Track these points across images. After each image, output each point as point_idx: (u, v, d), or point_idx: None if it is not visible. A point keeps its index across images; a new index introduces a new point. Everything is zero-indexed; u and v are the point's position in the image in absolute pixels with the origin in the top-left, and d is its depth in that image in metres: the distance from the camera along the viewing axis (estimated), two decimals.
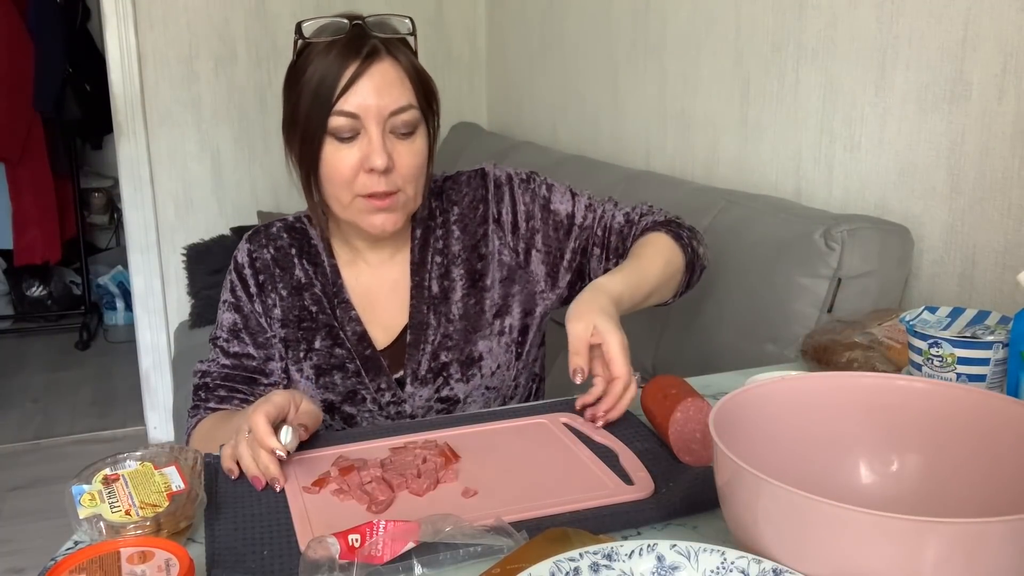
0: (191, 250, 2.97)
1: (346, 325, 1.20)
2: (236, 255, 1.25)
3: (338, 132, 1.08)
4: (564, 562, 0.63)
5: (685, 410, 0.92)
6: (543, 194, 1.24)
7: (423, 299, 1.21)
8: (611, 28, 2.31)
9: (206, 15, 2.96)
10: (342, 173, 1.10)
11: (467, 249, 1.22)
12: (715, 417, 0.69)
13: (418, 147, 1.12)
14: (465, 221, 1.23)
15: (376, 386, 1.19)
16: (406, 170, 1.11)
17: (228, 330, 1.22)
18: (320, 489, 0.89)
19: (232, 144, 3.07)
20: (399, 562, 0.73)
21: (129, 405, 3.34)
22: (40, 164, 3.92)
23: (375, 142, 1.08)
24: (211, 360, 1.22)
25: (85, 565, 0.70)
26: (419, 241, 1.23)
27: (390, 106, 1.08)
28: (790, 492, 0.59)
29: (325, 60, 1.08)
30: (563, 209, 1.23)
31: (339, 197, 1.12)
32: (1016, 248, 1.27)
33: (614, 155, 2.33)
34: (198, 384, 1.21)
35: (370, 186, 1.10)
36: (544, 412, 1.06)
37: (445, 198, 1.25)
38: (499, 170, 1.26)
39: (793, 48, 1.66)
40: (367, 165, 1.09)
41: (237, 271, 1.24)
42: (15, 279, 4.28)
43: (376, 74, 1.08)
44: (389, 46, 1.10)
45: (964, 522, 0.55)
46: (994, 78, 1.28)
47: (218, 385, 1.20)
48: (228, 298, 1.24)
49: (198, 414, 1.20)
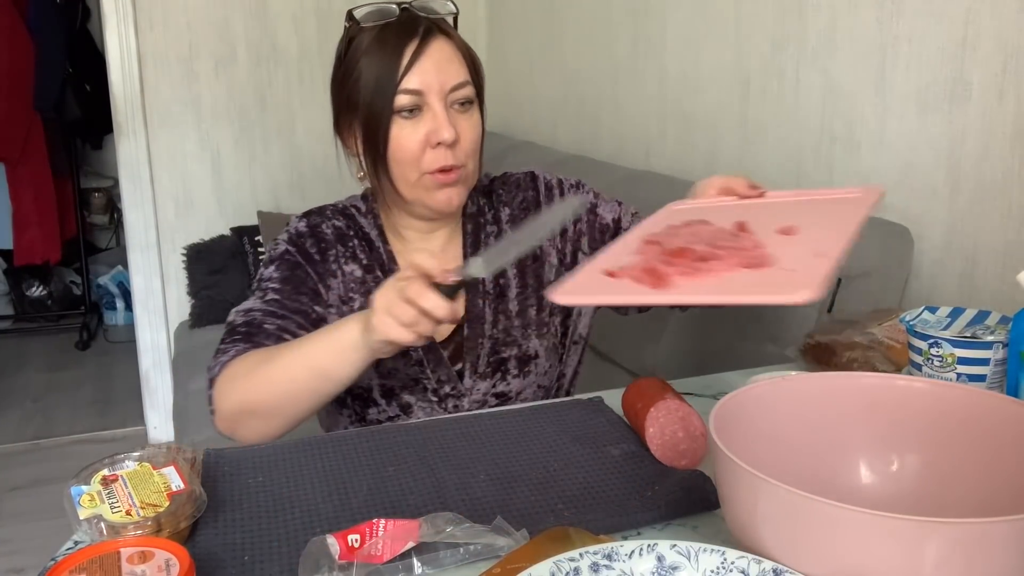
0: (191, 250, 2.98)
1: None
2: (291, 228, 1.21)
3: (403, 109, 1.11)
4: (564, 562, 0.63)
5: (658, 413, 0.92)
6: (591, 199, 1.27)
7: (478, 293, 1.21)
8: (611, 28, 2.31)
9: (206, 15, 2.96)
10: (410, 150, 1.12)
11: None
12: (715, 417, 0.69)
13: (476, 120, 1.16)
14: (517, 222, 1.25)
15: (437, 377, 1.19)
16: (468, 144, 1.14)
17: (279, 279, 1.16)
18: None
19: (232, 144, 3.07)
20: (399, 562, 0.73)
21: (129, 405, 3.34)
22: (40, 164, 3.92)
23: (440, 116, 1.11)
24: (251, 306, 1.14)
25: (85, 565, 0.70)
26: (471, 236, 1.24)
27: (450, 81, 1.12)
28: (790, 492, 0.59)
29: (382, 43, 1.11)
30: (609, 216, 1.26)
31: (407, 176, 1.14)
32: (1016, 248, 1.27)
33: (614, 155, 2.33)
34: (237, 323, 1.13)
35: (438, 161, 1.12)
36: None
37: (495, 197, 1.27)
38: (548, 174, 1.29)
39: (793, 48, 1.66)
40: (434, 139, 1.11)
41: (293, 240, 1.19)
42: (15, 279, 4.28)
43: (435, 51, 1.11)
44: (441, 25, 1.14)
45: (966, 522, 0.55)
46: (994, 78, 1.28)
47: (259, 324, 1.11)
48: (282, 256, 1.18)
49: (234, 349, 1.09)
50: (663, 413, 0.92)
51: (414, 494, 0.88)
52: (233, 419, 1.06)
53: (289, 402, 1.04)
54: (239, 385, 1.05)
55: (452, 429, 1.02)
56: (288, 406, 1.04)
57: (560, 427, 1.02)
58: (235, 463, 0.95)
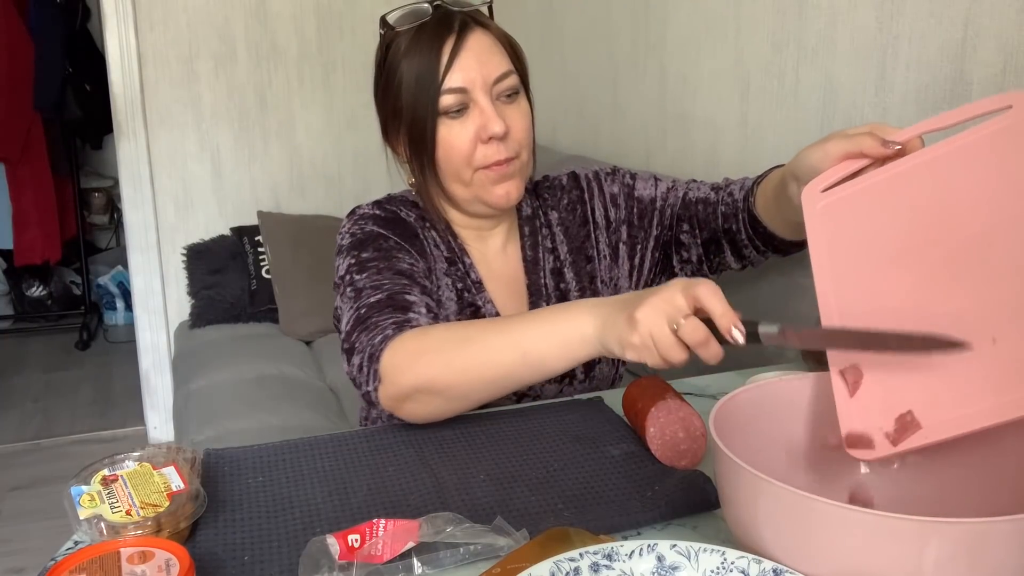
0: (191, 250, 2.98)
1: (483, 305, 1.18)
2: (366, 210, 1.16)
3: (449, 109, 1.09)
4: (564, 562, 0.63)
5: (658, 413, 0.92)
6: (627, 182, 1.25)
7: (541, 296, 1.21)
8: (611, 28, 2.31)
9: (206, 15, 2.96)
10: (460, 149, 1.10)
11: (573, 252, 1.24)
12: (715, 417, 0.69)
13: (525, 109, 1.14)
14: (566, 224, 1.25)
15: None
16: (519, 133, 1.12)
17: (375, 252, 1.08)
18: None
19: (232, 144, 3.07)
20: (399, 562, 0.73)
21: (129, 405, 3.34)
22: (40, 164, 3.91)
23: (488, 111, 1.09)
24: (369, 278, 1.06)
25: (85, 565, 0.70)
26: (529, 239, 1.23)
27: (493, 73, 1.10)
28: (791, 492, 0.59)
29: (419, 44, 1.09)
30: (647, 194, 1.24)
31: (460, 175, 1.12)
32: None
33: (614, 155, 2.33)
34: (374, 299, 1.02)
35: (491, 156, 1.10)
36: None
37: (543, 200, 1.27)
38: (586, 170, 1.28)
39: (793, 48, 1.66)
40: (485, 134, 1.09)
41: (371, 219, 1.13)
42: (15, 279, 4.28)
43: (474, 45, 1.10)
44: (476, 17, 1.13)
45: (967, 522, 0.55)
46: (994, 78, 1.28)
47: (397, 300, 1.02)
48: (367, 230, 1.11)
49: (392, 320, 1.00)
50: (663, 413, 0.92)
51: (414, 494, 0.88)
52: (408, 396, 0.97)
53: (484, 387, 0.96)
54: (428, 360, 0.95)
55: (452, 429, 1.02)
56: (482, 390, 0.96)
57: (560, 427, 1.02)
58: (235, 463, 0.95)
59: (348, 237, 1.13)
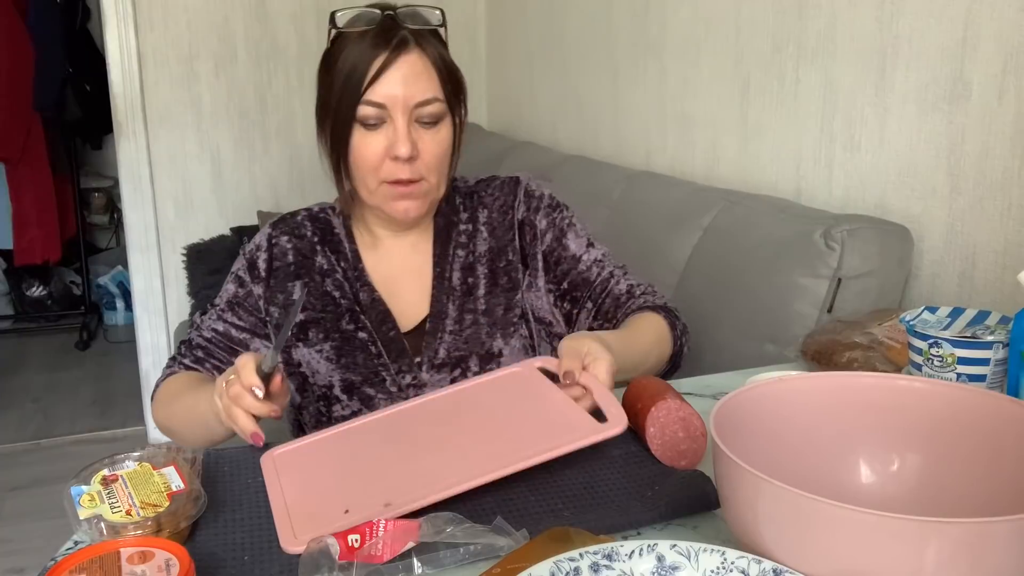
0: (191, 250, 2.97)
1: (368, 307, 1.22)
2: (256, 236, 1.28)
3: (365, 120, 1.13)
4: (564, 562, 0.63)
5: (658, 413, 0.92)
6: (562, 226, 1.26)
7: (443, 289, 1.23)
8: (611, 28, 2.31)
9: (206, 15, 2.96)
10: (368, 159, 1.14)
11: (493, 251, 1.25)
12: (715, 417, 0.69)
13: (442, 137, 1.16)
14: (494, 224, 1.26)
15: (397, 368, 1.20)
16: (430, 159, 1.14)
17: (226, 301, 1.25)
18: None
19: (232, 144, 3.07)
20: (399, 562, 0.73)
21: (129, 405, 3.34)
22: (40, 164, 3.92)
23: (400, 131, 1.12)
24: (204, 320, 1.26)
25: (85, 565, 0.70)
26: (442, 234, 1.25)
27: (416, 97, 1.12)
28: (791, 492, 0.59)
29: (356, 49, 1.12)
30: (574, 248, 1.25)
31: (366, 182, 1.16)
32: (1016, 248, 1.27)
33: (614, 155, 2.33)
34: (185, 339, 1.25)
35: (395, 173, 1.14)
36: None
37: (476, 198, 1.28)
38: (534, 184, 1.29)
39: (793, 48, 1.66)
40: (392, 153, 1.12)
41: (251, 253, 1.26)
42: (15, 279, 4.28)
43: (404, 65, 1.11)
44: (419, 37, 1.13)
45: (967, 522, 0.55)
46: (994, 78, 1.28)
47: (199, 346, 1.23)
48: (237, 271, 1.27)
49: (172, 367, 1.23)
50: (663, 413, 0.92)
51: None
52: (162, 430, 1.19)
53: (196, 437, 1.12)
54: (161, 410, 1.18)
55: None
56: (197, 439, 1.12)
57: None
58: (235, 463, 0.95)
59: (233, 271, 1.27)
